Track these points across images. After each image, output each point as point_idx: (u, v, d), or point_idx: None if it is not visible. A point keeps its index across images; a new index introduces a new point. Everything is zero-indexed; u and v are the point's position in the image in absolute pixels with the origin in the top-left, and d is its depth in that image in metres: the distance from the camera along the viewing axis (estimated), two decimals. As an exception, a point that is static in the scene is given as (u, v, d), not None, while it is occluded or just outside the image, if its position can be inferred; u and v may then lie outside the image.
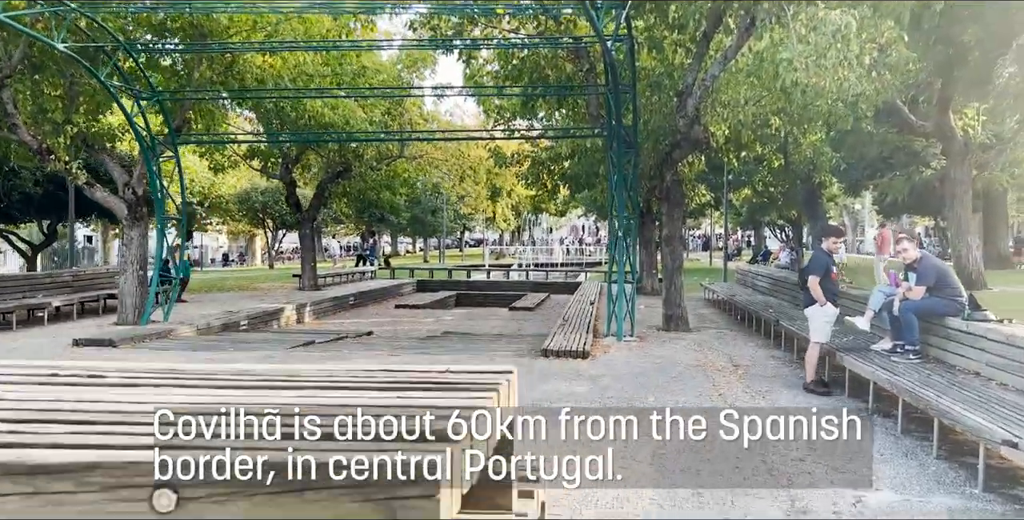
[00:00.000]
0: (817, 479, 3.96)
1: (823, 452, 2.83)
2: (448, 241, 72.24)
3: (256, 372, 3.00)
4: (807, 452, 2.87)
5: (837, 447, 2.77)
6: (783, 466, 4.12)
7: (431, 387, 2.62)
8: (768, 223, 50.73)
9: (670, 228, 12.13)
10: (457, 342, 11.33)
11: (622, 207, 11.21)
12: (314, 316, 15.90)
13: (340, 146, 18.40)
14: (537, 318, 16.78)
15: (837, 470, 3.16)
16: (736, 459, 2.82)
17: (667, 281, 12.19)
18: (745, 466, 3.13)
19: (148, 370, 3.07)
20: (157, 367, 3.22)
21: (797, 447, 2.81)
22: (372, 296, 20.01)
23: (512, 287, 24.40)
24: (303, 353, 9.44)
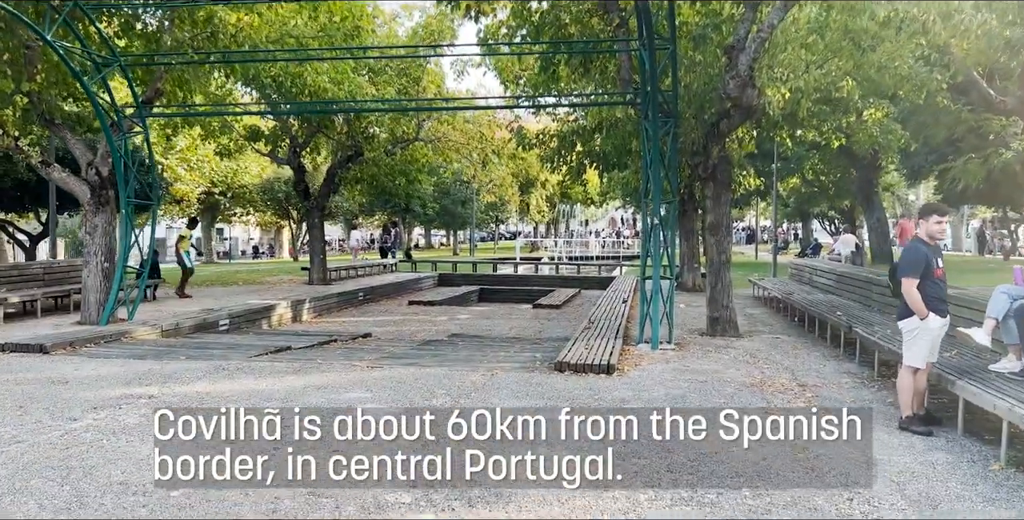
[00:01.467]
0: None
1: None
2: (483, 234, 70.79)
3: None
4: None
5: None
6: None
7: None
8: (817, 214, 48.24)
9: (716, 214, 10.22)
10: (461, 348, 9.59)
11: (658, 189, 9.34)
12: (315, 314, 14.31)
13: (349, 127, 16.76)
14: (563, 317, 14.97)
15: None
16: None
17: (712, 277, 10.28)
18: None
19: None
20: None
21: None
22: (385, 291, 18.38)
23: (540, 282, 22.60)
24: (266, 363, 7.78)
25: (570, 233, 61.52)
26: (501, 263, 26.26)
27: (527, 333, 12.41)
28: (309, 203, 18.36)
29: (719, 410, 4.38)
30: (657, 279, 9.40)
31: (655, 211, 9.44)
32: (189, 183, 31.47)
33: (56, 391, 6.36)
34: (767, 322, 12.31)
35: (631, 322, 11.65)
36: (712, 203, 10.26)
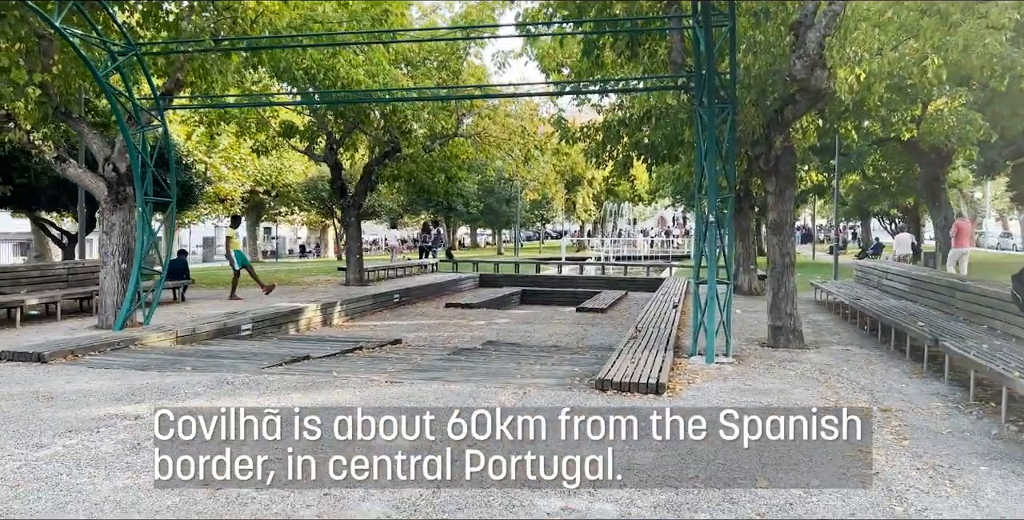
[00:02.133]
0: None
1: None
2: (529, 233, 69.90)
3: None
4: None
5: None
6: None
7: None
8: (877, 213, 46.15)
9: (779, 212, 9.18)
10: (494, 358, 8.75)
11: (714, 183, 8.36)
12: (347, 317, 13.63)
13: (385, 122, 16.06)
14: (608, 322, 14.02)
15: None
16: None
17: (774, 282, 9.25)
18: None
19: None
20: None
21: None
22: (423, 293, 17.65)
23: (585, 283, 21.64)
24: (276, 376, 7.05)
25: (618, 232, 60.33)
26: (545, 263, 25.37)
27: (568, 340, 11.51)
28: (345, 201, 17.74)
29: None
30: (713, 283, 8.43)
31: (710, 207, 8.46)
32: (232, 182, 31.33)
33: (35, 409, 5.71)
34: (833, 331, 11.20)
35: (682, 330, 10.67)
36: (774, 199, 9.23)
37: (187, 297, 14.86)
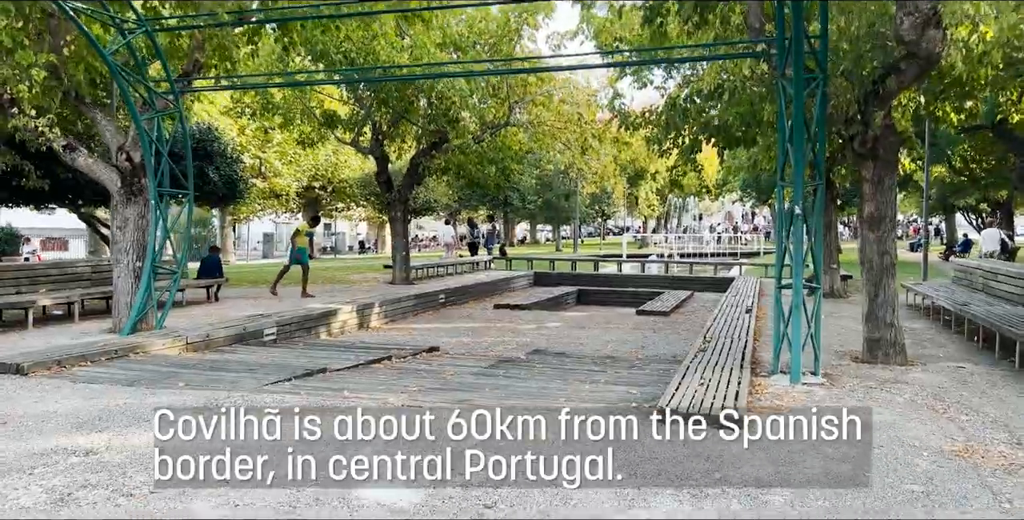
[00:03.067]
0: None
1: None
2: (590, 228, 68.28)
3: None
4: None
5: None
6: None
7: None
8: (963, 207, 43.19)
9: (878, 203, 7.73)
10: (537, 373, 7.57)
11: (800, 168, 6.99)
12: (386, 319, 12.63)
13: (431, 110, 15.01)
14: (671, 327, 12.69)
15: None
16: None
17: (871, 286, 7.81)
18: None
19: None
20: None
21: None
22: (471, 293, 16.57)
23: (647, 283, 20.25)
24: (279, 395, 6.02)
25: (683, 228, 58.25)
26: (604, 261, 24.03)
27: (626, 349, 10.24)
28: (391, 196, 16.78)
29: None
30: (799, 288, 7.05)
31: (796, 197, 7.09)
32: (287, 177, 30.89)
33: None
34: (937, 341, 9.64)
35: (759, 340, 9.28)
36: (871, 188, 7.77)
37: (223, 296, 14.11)
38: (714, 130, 8.67)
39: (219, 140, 18.15)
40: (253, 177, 30.23)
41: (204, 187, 17.76)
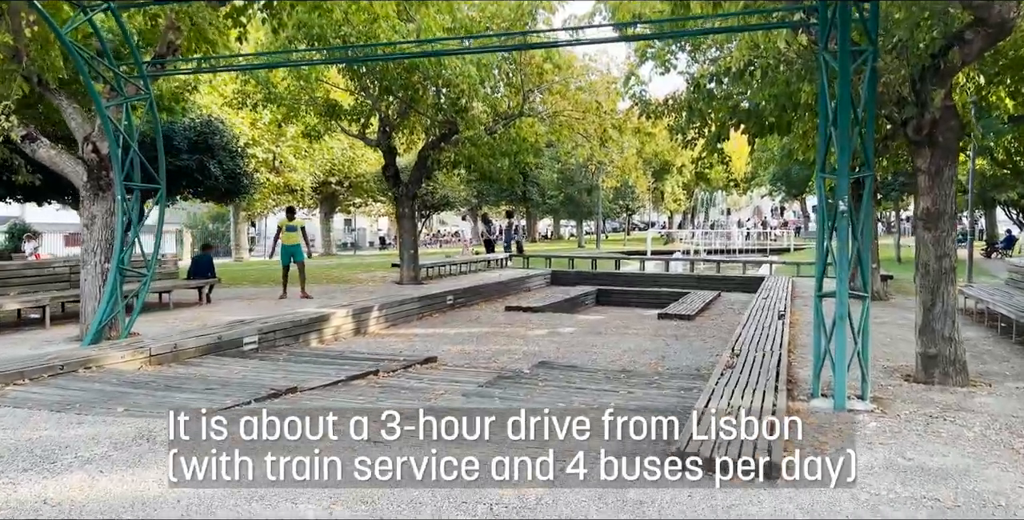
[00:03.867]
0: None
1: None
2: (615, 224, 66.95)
3: None
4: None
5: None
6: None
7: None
8: (1004, 202, 41.41)
9: (935, 198, 6.65)
10: (539, 394, 6.60)
11: (847, 156, 5.95)
12: (386, 323, 11.74)
13: (438, 99, 14.07)
14: (696, 333, 11.65)
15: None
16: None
17: (927, 294, 6.74)
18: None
19: None
20: None
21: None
22: (483, 293, 15.63)
23: (671, 282, 19.16)
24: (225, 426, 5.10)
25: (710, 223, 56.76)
26: (625, 259, 22.96)
27: (645, 360, 9.23)
28: (398, 191, 15.88)
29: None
30: (844, 298, 6.01)
31: (840, 191, 6.04)
32: (301, 172, 30.13)
33: None
34: (997, 354, 8.51)
35: (793, 352, 8.24)
36: (928, 181, 6.69)
37: (218, 297, 13.32)
38: (744, 115, 7.62)
39: (222, 133, 17.37)
40: (268, 171, 29.64)
41: (205, 182, 17.02)
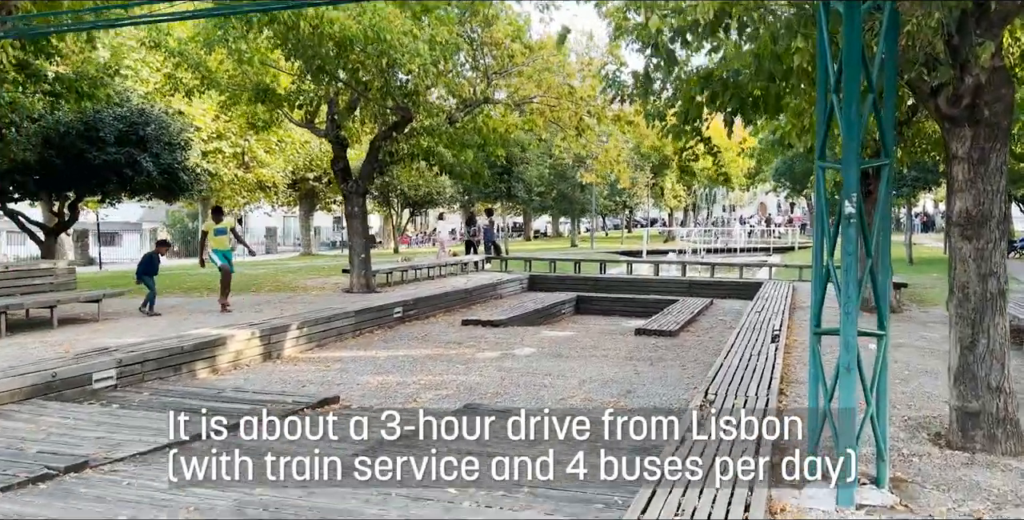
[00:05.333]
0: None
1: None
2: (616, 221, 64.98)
3: None
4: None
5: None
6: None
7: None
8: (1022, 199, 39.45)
9: (978, 195, 4.84)
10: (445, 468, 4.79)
11: (855, 136, 4.15)
12: (311, 344, 9.96)
13: (385, 82, 12.23)
14: (674, 355, 9.84)
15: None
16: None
17: (965, 327, 4.93)
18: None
19: None
20: None
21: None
22: (443, 302, 13.83)
23: (661, 287, 17.34)
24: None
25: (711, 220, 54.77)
26: (613, 261, 21.12)
27: (604, 397, 7.42)
28: (347, 186, 14.07)
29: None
30: (851, 341, 4.21)
31: (847, 187, 4.24)
32: (272, 167, 28.33)
33: None
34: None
35: (786, 391, 6.42)
36: (968, 171, 4.87)
37: (125, 309, 11.58)
38: (719, 86, 5.79)
39: (158, 123, 15.59)
40: (236, 167, 27.88)
41: (136, 178, 15.27)
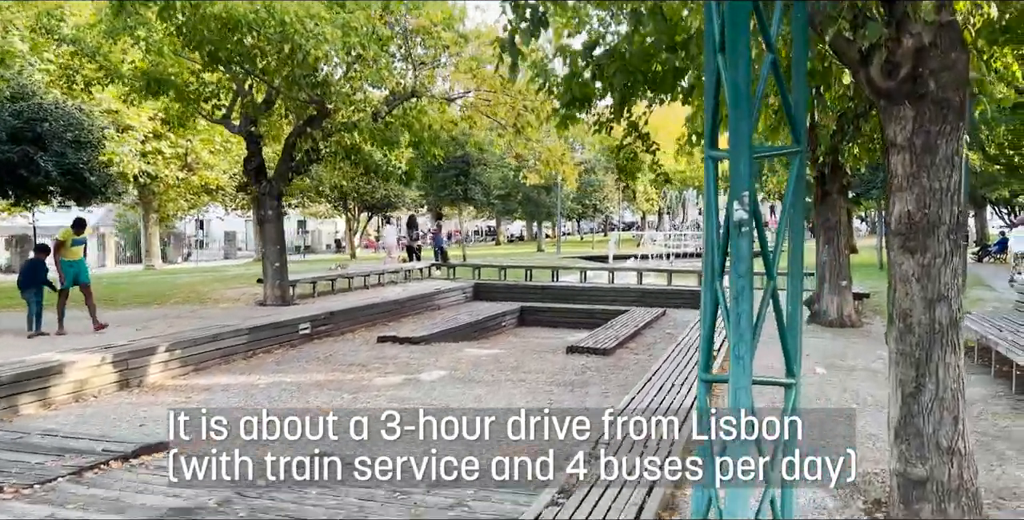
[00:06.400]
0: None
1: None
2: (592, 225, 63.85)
3: None
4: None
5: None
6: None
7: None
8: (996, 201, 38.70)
9: (922, 195, 3.67)
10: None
11: (744, 115, 2.97)
12: (183, 368, 8.67)
13: (291, 71, 10.97)
14: (602, 380, 8.67)
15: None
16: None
17: (908, 367, 3.75)
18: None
19: None
20: None
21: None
22: (366, 315, 12.56)
23: (612, 296, 16.19)
24: None
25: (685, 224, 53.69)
26: (566, 268, 19.95)
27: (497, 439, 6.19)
28: (260, 187, 12.79)
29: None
30: (744, 394, 3.02)
31: (736, 187, 3.06)
32: (217, 169, 26.89)
33: None
34: (1017, 434, 5.53)
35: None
36: (910, 163, 3.71)
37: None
38: (604, 58, 4.60)
39: (60, 119, 14.22)
40: (179, 169, 26.43)
41: (31, 179, 13.89)
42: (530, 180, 17.66)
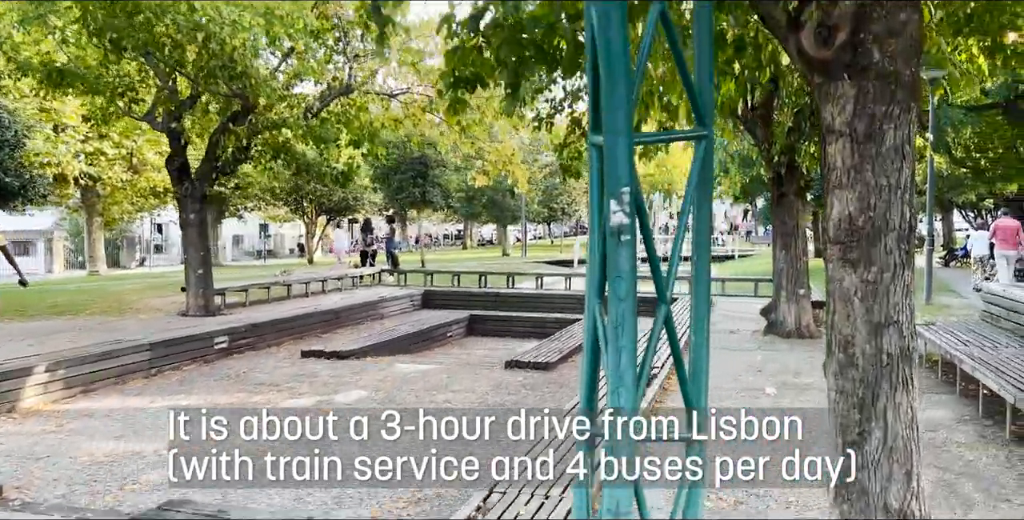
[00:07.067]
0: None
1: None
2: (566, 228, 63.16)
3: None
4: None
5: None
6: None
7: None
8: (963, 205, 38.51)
9: (866, 191, 2.91)
10: None
11: (619, 90, 2.19)
12: (67, 390, 7.74)
13: (206, 61, 10.07)
14: (538, 400, 7.91)
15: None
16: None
17: (846, 413, 2.98)
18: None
19: None
20: None
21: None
22: (297, 326, 11.67)
23: (566, 304, 15.43)
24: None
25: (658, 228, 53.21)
26: (522, 274, 19.16)
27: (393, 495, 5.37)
28: (183, 189, 11.86)
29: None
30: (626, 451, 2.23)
31: (615, 181, 2.28)
32: (163, 171, 25.73)
33: None
34: (988, 473, 4.81)
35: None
36: (851, 153, 2.95)
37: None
38: (489, 28, 3.83)
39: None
40: (124, 171, 25.30)
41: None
42: (479, 181, 16.84)
